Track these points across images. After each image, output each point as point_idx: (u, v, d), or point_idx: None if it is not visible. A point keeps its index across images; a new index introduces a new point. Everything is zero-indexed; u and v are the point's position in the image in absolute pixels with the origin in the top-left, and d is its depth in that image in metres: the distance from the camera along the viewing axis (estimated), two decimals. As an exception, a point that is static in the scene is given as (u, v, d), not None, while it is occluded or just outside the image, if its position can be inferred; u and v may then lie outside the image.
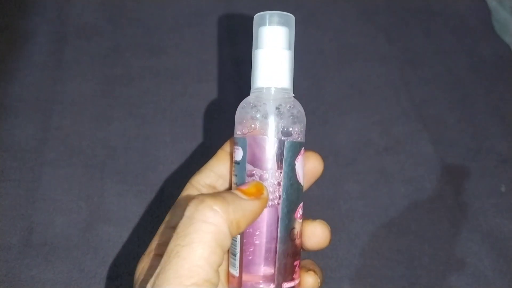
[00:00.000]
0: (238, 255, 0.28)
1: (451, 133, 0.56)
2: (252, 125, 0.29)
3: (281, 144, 0.28)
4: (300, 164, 0.29)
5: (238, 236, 0.28)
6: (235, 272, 0.28)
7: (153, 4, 0.62)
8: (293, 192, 0.28)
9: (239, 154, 0.29)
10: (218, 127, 0.52)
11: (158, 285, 0.22)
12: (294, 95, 0.31)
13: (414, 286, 0.45)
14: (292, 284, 0.28)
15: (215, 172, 0.32)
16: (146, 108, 0.53)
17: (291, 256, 0.28)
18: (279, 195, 0.28)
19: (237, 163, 0.29)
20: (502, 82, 0.62)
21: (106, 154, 0.49)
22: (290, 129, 0.29)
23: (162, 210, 0.46)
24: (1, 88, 0.52)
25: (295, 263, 0.28)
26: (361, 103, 0.57)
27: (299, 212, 0.29)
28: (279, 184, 0.28)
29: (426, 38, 0.65)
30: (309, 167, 0.31)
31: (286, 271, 0.28)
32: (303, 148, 0.29)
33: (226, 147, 0.32)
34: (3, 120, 0.49)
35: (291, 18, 0.30)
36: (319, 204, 0.49)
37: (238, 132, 0.30)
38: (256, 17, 0.30)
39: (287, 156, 0.28)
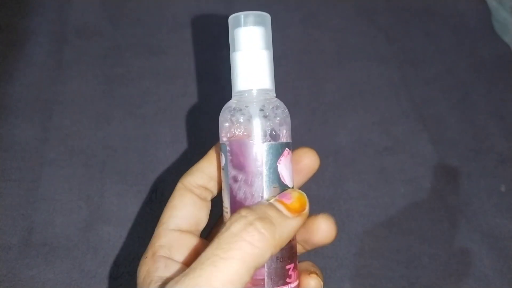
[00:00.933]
0: None
1: (451, 133, 0.56)
2: (234, 130, 0.28)
3: (261, 147, 0.27)
4: (284, 166, 0.28)
5: None
6: None
7: (153, 4, 0.62)
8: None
9: (223, 160, 0.29)
10: (217, 127, 0.52)
11: (187, 285, 0.22)
12: (275, 95, 0.30)
13: (414, 286, 0.45)
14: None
15: (207, 174, 0.32)
16: (146, 108, 0.53)
17: (280, 260, 0.28)
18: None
19: (222, 168, 0.29)
20: (502, 82, 0.62)
21: (106, 154, 0.49)
22: (273, 130, 0.28)
23: (162, 210, 0.46)
24: (1, 88, 0.52)
25: (288, 266, 0.28)
26: (361, 103, 0.57)
27: None
28: (262, 187, 0.27)
29: (426, 38, 0.65)
30: (305, 162, 0.31)
31: (277, 275, 0.27)
32: (286, 148, 0.28)
33: (217, 147, 0.32)
34: (3, 120, 0.49)
35: (267, 17, 0.30)
36: (319, 204, 0.49)
37: (222, 137, 0.29)
38: (231, 19, 0.30)
39: (267, 159, 0.27)
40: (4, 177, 0.46)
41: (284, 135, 0.29)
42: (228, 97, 0.30)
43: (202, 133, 0.52)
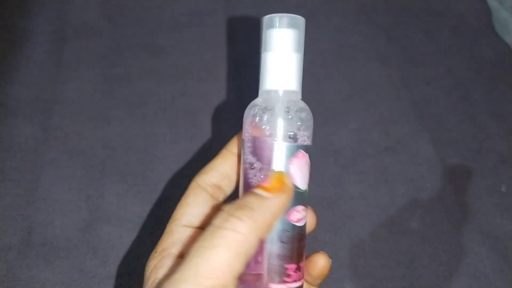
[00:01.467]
0: None
1: (451, 133, 0.56)
2: (256, 127, 0.28)
3: (274, 146, 0.28)
4: (297, 167, 0.28)
5: None
6: None
7: (153, 4, 0.62)
8: None
9: (243, 155, 0.29)
10: (218, 126, 0.52)
11: (176, 281, 0.22)
12: (301, 98, 0.30)
13: (414, 286, 0.45)
14: (282, 286, 0.28)
15: (220, 172, 0.32)
16: (146, 108, 0.53)
17: (281, 258, 0.28)
18: None
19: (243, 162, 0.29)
20: (502, 82, 0.62)
21: (105, 154, 0.49)
22: (292, 131, 0.28)
23: (162, 210, 0.46)
24: (1, 88, 0.52)
25: (287, 265, 0.28)
26: (361, 103, 0.57)
27: (295, 215, 0.28)
28: None
29: (427, 37, 0.65)
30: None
31: (274, 272, 0.28)
32: (301, 150, 0.28)
33: (230, 146, 0.32)
34: (2, 120, 0.49)
35: (301, 20, 0.30)
36: (319, 204, 0.49)
37: (244, 133, 0.30)
38: (265, 19, 0.30)
39: (279, 158, 0.28)
40: (4, 177, 0.46)
41: (304, 137, 0.29)
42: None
43: (202, 133, 0.52)
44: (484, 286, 0.45)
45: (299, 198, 0.29)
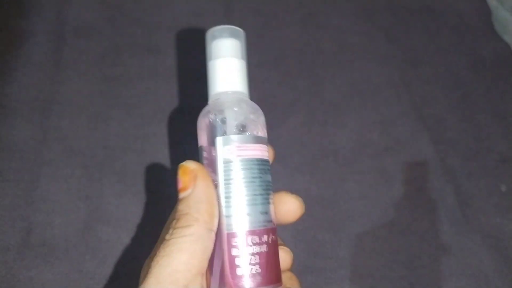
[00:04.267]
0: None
1: (451, 133, 0.56)
2: (210, 128, 0.29)
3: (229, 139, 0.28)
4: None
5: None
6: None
7: (153, 4, 0.62)
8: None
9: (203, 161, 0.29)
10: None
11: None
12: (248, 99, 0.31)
13: (414, 287, 0.45)
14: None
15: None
16: (145, 108, 0.53)
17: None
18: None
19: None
20: (502, 81, 0.62)
21: (104, 155, 0.49)
22: (243, 126, 0.29)
23: (161, 211, 0.46)
24: (0, 88, 0.52)
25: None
26: (361, 103, 0.57)
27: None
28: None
29: (426, 37, 0.65)
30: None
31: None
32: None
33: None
34: (1, 120, 0.49)
35: (241, 32, 0.32)
36: (319, 204, 0.49)
37: (200, 140, 0.30)
38: (209, 32, 0.32)
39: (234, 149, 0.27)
40: (3, 178, 0.46)
41: (256, 129, 0.29)
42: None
43: (201, 133, 0.52)
44: (484, 286, 0.45)
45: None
